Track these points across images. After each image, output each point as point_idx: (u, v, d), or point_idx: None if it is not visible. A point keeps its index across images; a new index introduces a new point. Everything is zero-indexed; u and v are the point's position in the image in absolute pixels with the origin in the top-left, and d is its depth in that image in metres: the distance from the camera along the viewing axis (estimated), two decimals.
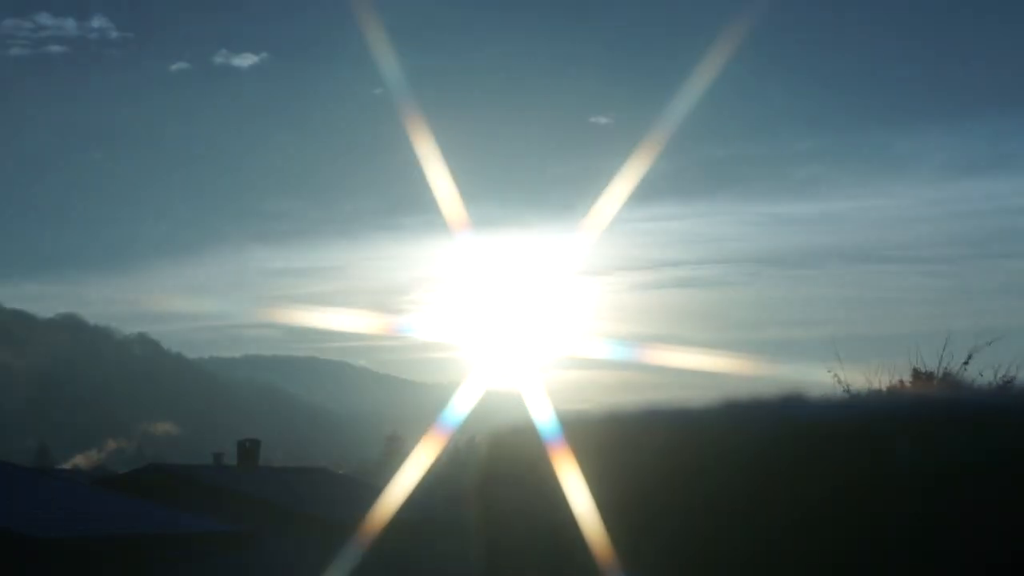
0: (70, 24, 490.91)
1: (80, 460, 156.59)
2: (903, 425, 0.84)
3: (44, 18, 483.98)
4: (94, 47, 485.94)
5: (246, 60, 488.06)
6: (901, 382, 23.67)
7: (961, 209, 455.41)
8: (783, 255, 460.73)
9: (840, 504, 0.85)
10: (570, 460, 0.97)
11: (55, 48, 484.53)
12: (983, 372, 24.13)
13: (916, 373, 24.15)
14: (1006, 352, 24.67)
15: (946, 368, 24.38)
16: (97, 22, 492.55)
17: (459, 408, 2.35)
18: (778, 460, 0.86)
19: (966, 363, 24.36)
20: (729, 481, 0.90)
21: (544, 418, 0.97)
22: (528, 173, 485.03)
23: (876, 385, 23.92)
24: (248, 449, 50.03)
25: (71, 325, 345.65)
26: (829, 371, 24.16)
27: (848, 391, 23.04)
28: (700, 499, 0.92)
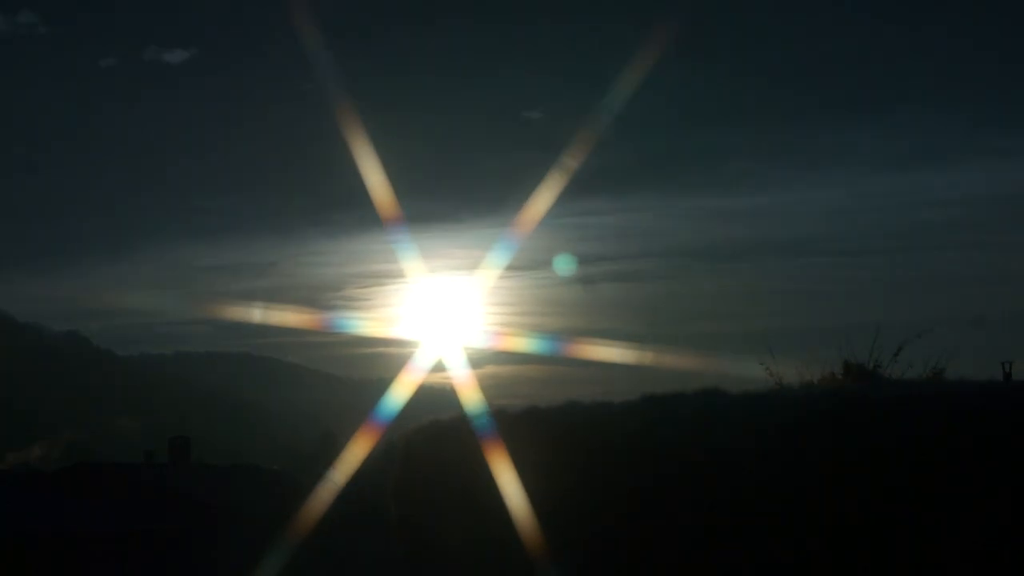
0: None
1: (9, 459, 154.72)
2: (821, 417, 0.85)
3: None
4: (21, 42, 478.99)
5: (176, 56, 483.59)
6: (832, 374, 23.88)
7: (890, 202, 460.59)
8: (714, 249, 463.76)
9: (755, 493, 0.86)
10: (490, 453, 0.97)
11: None
12: (913, 364, 24.44)
13: (847, 366, 24.38)
14: (936, 345, 25.00)
15: (876, 361, 24.67)
16: (24, 17, 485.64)
17: (392, 403, 2.35)
18: (696, 453, 0.87)
19: (896, 355, 24.68)
20: (647, 475, 0.91)
21: (468, 412, 0.97)
22: (460, 168, 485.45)
23: (807, 378, 24.15)
24: (179, 446, 49.86)
25: None
26: (761, 364, 24.37)
27: (780, 384, 23.24)
28: (618, 492, 0.93)
